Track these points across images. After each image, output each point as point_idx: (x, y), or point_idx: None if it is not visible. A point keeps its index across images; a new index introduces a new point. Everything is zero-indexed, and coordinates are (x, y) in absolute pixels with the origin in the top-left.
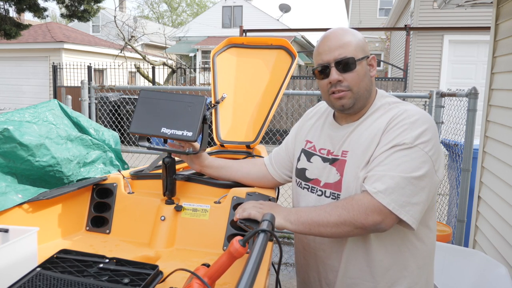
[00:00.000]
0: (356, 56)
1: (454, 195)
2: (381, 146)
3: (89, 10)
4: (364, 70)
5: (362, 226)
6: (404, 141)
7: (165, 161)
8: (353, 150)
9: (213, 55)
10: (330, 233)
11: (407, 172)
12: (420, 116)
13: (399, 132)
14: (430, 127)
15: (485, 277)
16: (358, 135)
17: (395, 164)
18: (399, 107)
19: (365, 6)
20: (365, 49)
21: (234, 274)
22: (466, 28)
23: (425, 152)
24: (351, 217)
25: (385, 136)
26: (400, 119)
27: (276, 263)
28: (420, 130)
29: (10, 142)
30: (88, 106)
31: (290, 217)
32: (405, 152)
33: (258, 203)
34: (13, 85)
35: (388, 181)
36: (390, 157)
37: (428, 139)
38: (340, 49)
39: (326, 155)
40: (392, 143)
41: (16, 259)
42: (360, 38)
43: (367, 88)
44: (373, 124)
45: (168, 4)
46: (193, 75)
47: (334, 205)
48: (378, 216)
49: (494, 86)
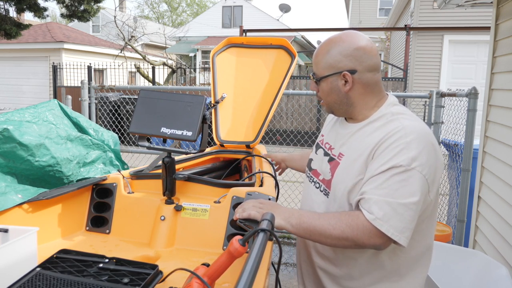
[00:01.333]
0: (321, 74)
1: (454, 195)
2: (377, 166)
3: (89, 10)
4: (328, 87)
5: (362, 245)
6: (401, 163)
7: (165, 161)
8: (348, 155)
9: (212, 55)
10: (330, 244)
11: (405, 198)
12: (417, 136)
13: (395, 152)
14: (426, 147)
15: (485, 277)
16: (357, 141)
17: (393, 189)
18: (398, 121)
19: (365, 6)
20: (338, 65)
21: (233, 274)
22: (466, 28)
23: (422, 176)
24: (354, 236)
25: (382, 154)
26: (396, 138)
27: (276, 263)
28: (416, 151)
29: (10, 142)
30: (88, 106)
31: (292, 220)
32: (403, 176)
33: (258, 202)
34: (13, 85)
35: (386, 207)
36: (388, 181)
37: (425, 161)
38: (314, 64)
39: (327, 149)
40: (388, 164)
41: (16, 259)
42: (334, 55)
43: (337, 102)
44: (372, 134)
45: (168, 4)
46: (193, 75)
47: (337, 219)
48: (380, 239)
49: (494, 86)
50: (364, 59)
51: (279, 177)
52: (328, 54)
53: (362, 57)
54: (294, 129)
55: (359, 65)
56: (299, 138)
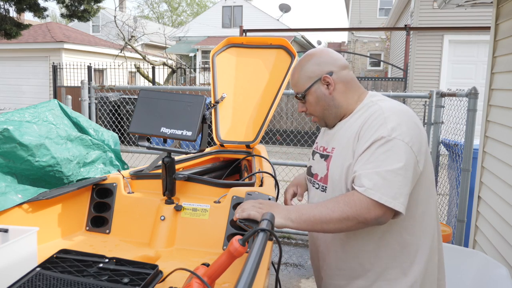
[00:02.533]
0: (303, 88)
1: (454, 195)
2: (362, 144)
3: (89, 10)
4: (315, 96)
5: (364, 220)
6: (381, 135)
7: (165, 161)
8: (337, 147)
9: (212, 55)
10: (333, 229)
11: (391, 164)
12: (394, 111)
13: (376, 128)
14: (405, 119)
15: (485, 277)
16: (343, 133)
17: (379, 160)
18: (377, 105)
19: (365, 6)
20: (314, 74)
21: (233, 274)
22: (466, 28)
23: (405, 143)
24: (354, 212)
25: (364, 134)
26: (375, 116)
27: (276, 262)
28: (395, 122)
29: (10, 142)
30: (88, 106)
31: (291, 216)
32: (386, 146)
33: (258, 202)
34: (13, 85)
35: (375, 177)
36: (373, 155)
37: (405, 130)
38: (293, 87)
39: (321, 151)
40: (371, 139)
41: (16, 259)
42: (307, 67)
43: (325, 107)
44: (355, 122)
45: (168, 4)
46: (193, 75)
47: (334, 201)
48: (379, 210)
49: (494, 86)
50: (335, 60)
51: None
52: (302, 70)
53: (332, 60)
54: (294, 129)
55: (333, 66)
56: (299, 138)
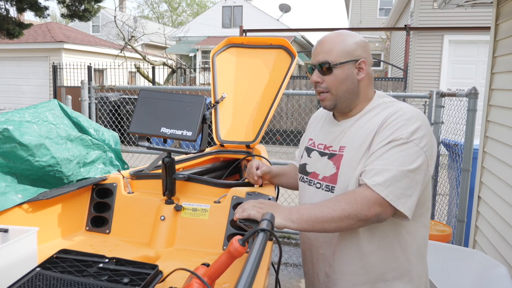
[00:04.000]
0: (337, 60)
1: (454, 195)
2: (379, 142)
3: (89, 10)
4: (345, 74)
5: (365, 218)
6: (400, 136)
7: (165, 161)
8: (350, 145)
9: (212, 55)
10: (334, 228)
11: (403, 165)
12: (414, 114)
13: (395, 128)
14: (423, 124)
15: (485, 277)
16: (355, 131)
17: (393, 158)
18: (395, 105)
19: (365, 6)
20: (354, 53)
21: (233, 274)
22: (466, 28)
23: (420, 148)
24: (354, 210)
25: (382, 132)
26: (396, 116)
27: (276, 263)
28: (415, 126)
29: (10, 142)
30: (88, 106)
31: (292, 216)
32: (402, 148)
33: (258, 202)
34: (13, 85)
35: (386, 174)
36: (387, 152)
37: (422, 135)
38: (323, 53)
39: (323, 149)
40: (389, 138)
41: (16, 259)
42: (349, 43)
43: (348, 90)
44: (370, 121)
45: (168, 4)
46: (193, 75)
47: (335, 200)
48: (379, 207)
49: (494, 86)
50: (369, 53)
51: None
52: (344, 42)
53: (369, 51)
54: (294, 129)
55: (368, 57)
56: (299, 138)
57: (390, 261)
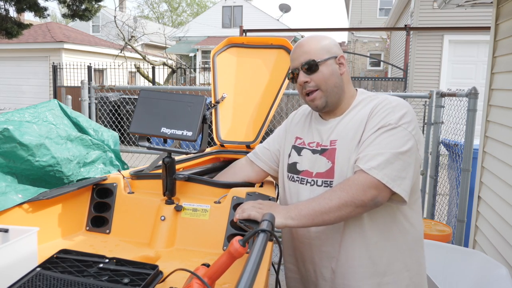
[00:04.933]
0: (320, 58)
1: (454, 195)
2: (369, 129)
3: (90, 9)
4: (330, 69)
5: (362, 203)
6: (389, 122)
7: (165, 161)
8: (342, 138)
9: (213, 55)
10: (334, 218)
11: (395, 148)
12: (400, 102)
13: (383, 115)
14: (409, 111)
15: (485, 277)
16: (345, 125)
17: (384, 143)
18: (379, 97)
19: (365, 6)
20: (332, 50)
21: (234, 274)
22: (466, 28)
23: (408, 132)
24: (351, 197)
25: (371, 120)
26: (383, 105)
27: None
28: (402, 112)
29: (10, 142)
30: (88, 106)
31: (291, 214)
32: (391, 132)
33: (258, 203)
34: (13, 85)
35: (379, 158)
36: (378, 138)
37: (409, 120)
38: (305, 54)
39: (315, 147)
40: (378, 125)
41: (16, 259)
42: (326, 43)
43: (336, 85)
44: (359, 113)
45: (168, 4)
46: (193, 75)
47: (331, 191)
48: (375, 190)
49: (494, 86)
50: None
51: None
52: (320, 42)
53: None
54: None
55: (343, 55)
56: None
57: (394, 252)
